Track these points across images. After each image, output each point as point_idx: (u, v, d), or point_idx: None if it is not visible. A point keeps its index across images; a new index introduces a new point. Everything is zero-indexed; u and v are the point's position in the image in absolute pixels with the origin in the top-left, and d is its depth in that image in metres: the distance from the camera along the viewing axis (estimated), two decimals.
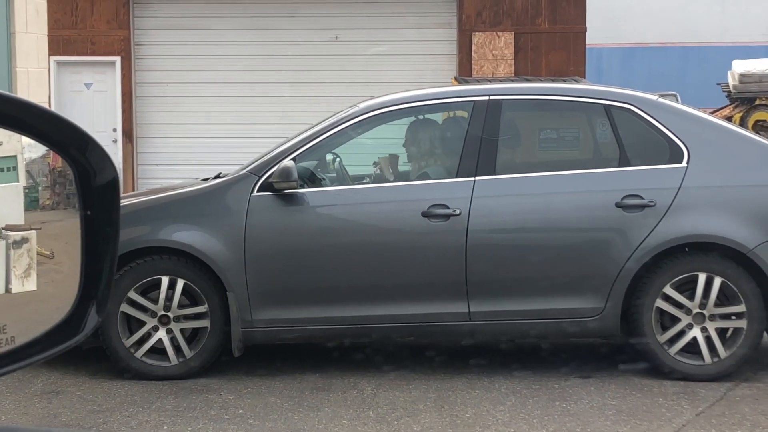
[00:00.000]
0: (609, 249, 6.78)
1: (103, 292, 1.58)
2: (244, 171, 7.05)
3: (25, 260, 1.55)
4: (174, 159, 19.38)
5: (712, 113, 24.85)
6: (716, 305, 6.76)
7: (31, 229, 1.58)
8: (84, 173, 1.57)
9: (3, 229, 1.53)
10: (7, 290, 1.55)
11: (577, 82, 16.54)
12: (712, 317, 6.77)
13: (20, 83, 8.19)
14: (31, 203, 1.61)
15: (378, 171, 7.68)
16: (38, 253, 1.56)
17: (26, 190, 1.58)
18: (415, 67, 18.94)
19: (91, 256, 1.57)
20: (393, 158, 7.67)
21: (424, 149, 7.44)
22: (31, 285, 1.58)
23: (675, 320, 6.80)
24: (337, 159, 7.43)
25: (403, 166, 7.63)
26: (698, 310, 6.76)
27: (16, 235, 1.53)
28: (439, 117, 7.80)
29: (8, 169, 1.57)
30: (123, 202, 7.46)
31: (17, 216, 1.53)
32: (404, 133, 7.58)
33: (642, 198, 6.79)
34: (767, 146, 7.04)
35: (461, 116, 7.35)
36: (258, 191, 6.90)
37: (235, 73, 19.36)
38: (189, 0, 19.51)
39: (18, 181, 1.54)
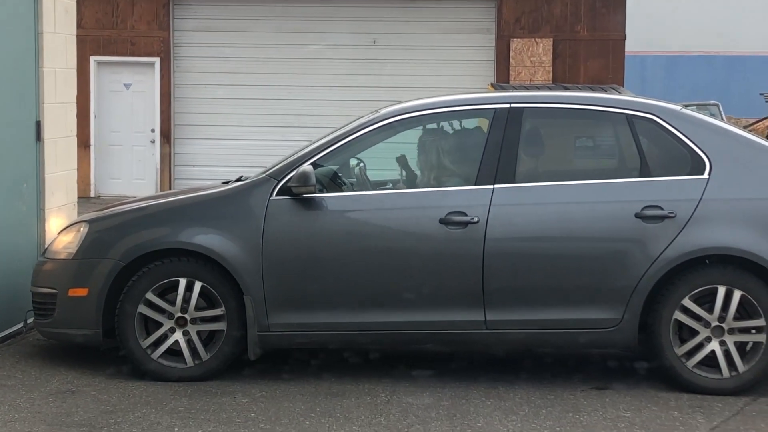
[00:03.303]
0: (627, 260, 6.71)
1: None
2: (264, 175, 7.06)
3: None
4: (210, 160, 19.50)
5: (754, 123, 24.57)
6: (735, 319, 6.68)
7: None
8: None
9: None
10: None
11: (615, 90, 16.42)
12: (731, 331, 6.68)
13: (47, 83, 8.26)
14: None
15: (400, 169, 7.64)
16: None
17: None
18: (453, 73, 18.93)
19: None
20: (402, 159, 7.62)
21: (442, 157, 7.40)
22: None
23: (693, 333, 6.72)
24: (361, 164, 7.41)
25: (417, 169, 7.58)
26: (717, 324, 6.68)
27: None
28: (452, 126, 7.73)
29: None
30: (144, 203, 7.53)
31: None
32: (419, 140, 7.53)
33: (662, 209, 6.72)
34: None
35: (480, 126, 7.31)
36: (277, 195, 6.90)
37: (272, 76, 19.44)
38: (229, 2, 19.63)
39: None
